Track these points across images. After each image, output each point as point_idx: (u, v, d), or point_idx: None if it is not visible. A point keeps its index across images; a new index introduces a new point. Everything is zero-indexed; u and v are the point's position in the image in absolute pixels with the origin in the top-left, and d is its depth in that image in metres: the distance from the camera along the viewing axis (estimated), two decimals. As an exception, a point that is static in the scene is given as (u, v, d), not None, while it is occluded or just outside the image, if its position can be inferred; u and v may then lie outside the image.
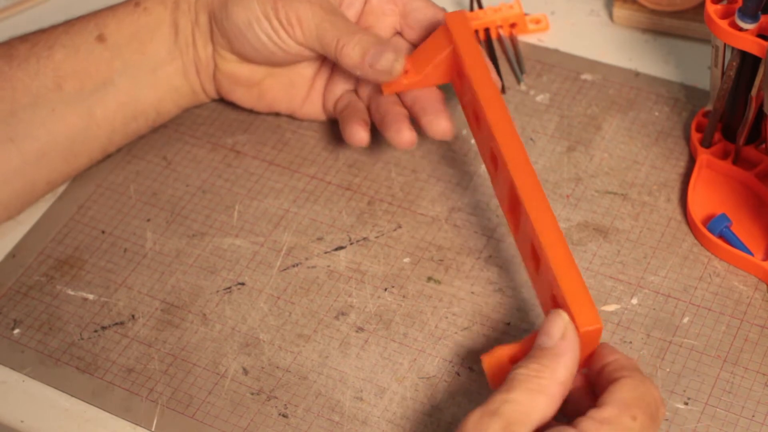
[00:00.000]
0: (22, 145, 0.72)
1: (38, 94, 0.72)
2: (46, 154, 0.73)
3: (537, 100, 0.80)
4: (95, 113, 0.74)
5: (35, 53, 0.73)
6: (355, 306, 0.70)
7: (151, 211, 0.76)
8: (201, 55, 0.76)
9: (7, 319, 0.71)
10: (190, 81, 0.77)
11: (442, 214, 0.74)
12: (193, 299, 0.71)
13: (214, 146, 0.80)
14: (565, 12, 0.86)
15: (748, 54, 0.67)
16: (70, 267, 0.74)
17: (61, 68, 0.73)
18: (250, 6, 0.72)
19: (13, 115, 0.72)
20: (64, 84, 0.73)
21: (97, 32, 0.74)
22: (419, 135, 0.72)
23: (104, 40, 0.74)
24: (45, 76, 0.72)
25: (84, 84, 0.73)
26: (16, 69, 0.72)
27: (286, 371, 0.67)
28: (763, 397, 0.64)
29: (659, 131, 0.77)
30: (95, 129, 0.75)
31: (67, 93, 0.73)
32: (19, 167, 0.73)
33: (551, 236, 0.60)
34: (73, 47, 0.73)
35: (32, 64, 0.72)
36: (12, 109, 0.72)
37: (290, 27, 0.71)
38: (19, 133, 0.72)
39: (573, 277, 0.59)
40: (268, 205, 0.76)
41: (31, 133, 0.72)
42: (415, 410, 0.65)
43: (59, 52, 0.73)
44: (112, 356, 0.69)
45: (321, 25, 0.71)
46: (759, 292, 0.69)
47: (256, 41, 0.73)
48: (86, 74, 0.73)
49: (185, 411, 0.66)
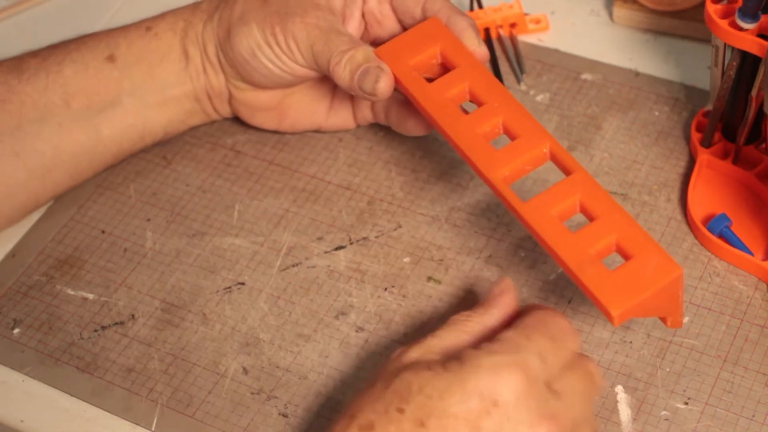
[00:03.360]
0: (28, 160, 0.72)
1: (46, 109, 0.72)
2: (51, 170, 0.73)
3: (537, 100, 0.80)
4: (102, 132, 0.74)
5: (45, 68, 0.72)
6: (355, 306, 0.70)
7: (151, 211, 0.76)
8: (213, 84, 0.75)
9: (7, 318, 0.71)
10: (202, 105, 0.76)
11: (442, 214, 0.74)
12: (193, 299, 0.71)
13: (214, 146, 0.80)
14: (565, 12, 0.86)
15: (748, 54, 0.67)
16: (70, 267, 0.74)
17: (70, 85, 0.72)
18: (251, 34, 0.71)
19: (19, 129, 0.71)
20: (72, 101, 0.72)
21: (108, 52, 0.73)
22: (419, 135, 0.72)
23: (114, 60, 0.73)
24: (53, 92, 0.72)
25: (92, 102, 0.73)
26: (25, 83, 0.72)
27: (286, 371, 0.67)
28: (763, 397, 0.64)
29: (659, 131, 0.77)
30: (102, 147, 0.74)
31: (74, 110, 0.73)
32: (23, 181, 0.72)
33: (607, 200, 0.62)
34: (83, 64, 0.73)
35: (41, 79, 0.72)
36: (19, 124, 0.71)
37: (290, 51, 0.70)
38: (26, 148, 0.72)
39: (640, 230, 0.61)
40: (268, 205, 0.76)
41: (37, 148, 0.72)
42: (415, 410, 0.65)
43: (69, 68, 0.73)
44: (112, 356, 0.69)
45: (315, 47, 0.69)
46: (759, 292, 0.69)
47: (262, 68, 0.72)
48: (95, 92, 0.73)
49: (185, 411, 0.66)
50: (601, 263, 0.59)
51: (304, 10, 0.70)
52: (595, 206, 0.62)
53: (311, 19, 0.70)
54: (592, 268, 0.59)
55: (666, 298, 0.60)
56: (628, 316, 0.58)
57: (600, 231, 0.61)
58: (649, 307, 0.60)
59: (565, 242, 0.60)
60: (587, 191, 0.62)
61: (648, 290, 0.58)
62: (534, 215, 0.62)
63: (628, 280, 0.58)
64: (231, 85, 0.75)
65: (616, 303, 0.58)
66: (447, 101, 0.67)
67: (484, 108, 0.67)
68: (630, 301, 0.58)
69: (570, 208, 0.62)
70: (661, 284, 0.58)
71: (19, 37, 0.89)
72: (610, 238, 0.60)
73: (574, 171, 0.63)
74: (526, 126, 0.65)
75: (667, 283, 0.59)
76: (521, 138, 0.65)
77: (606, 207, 0.62)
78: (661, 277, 0.59)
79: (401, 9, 0.72)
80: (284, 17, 0.70)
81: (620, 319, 0.58)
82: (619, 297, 0.58)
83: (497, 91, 0.67)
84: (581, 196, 0.62)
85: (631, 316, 0.59)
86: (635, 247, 0.60)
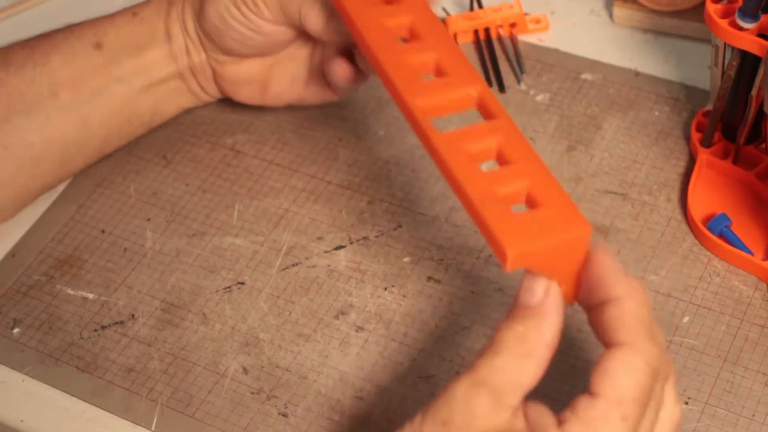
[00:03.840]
0: (17, 152, 0.72)
1: (33, 101, 0.72)
2: (41, 161, 0.73)
3: (537, 100, 0.80)
4: (90, 120, 0.74)
5: (32, 60, 0.73)
6: (355, 305, 0.70)
7: (151, 211, 0.76)
8: (195, 61, 0.76)
9: (7, 318, 0.71)
10: (188, 84, 0.77)
11: (442, 214, 0.74)
12: (193, 299, 0.71)
13: (214, 146, 0.80)
14: (565, 12, 0.86)
15: (748, 53, 0.67)
16: (70, 266, 0.74)
17: (57, 75, 0.73)
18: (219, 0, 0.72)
19: (7, 121, 0.72)
20: (60, 91, 0.73)
21: (95, 40, 0.74)
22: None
23: (101, 48, 0.74)
24: (41, 84, 0.72)
25: (79, 91, 0.73)
26: (12, 76, 0.72)
27: (286, 370, 0.67)
28: (763, 397, 0.64)
29: (659, 131, 0.77)
30: (90, 134, 0.75)
31: (62, 100, 0.73)
32: (13, 173, 0.73)
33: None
34: (70, 54, 0.73)
35: (28, 70, 0.72)
36: (6, 116, 0.72)
37: (256, 7, 0.71)
38: (14, 141, 0.72)
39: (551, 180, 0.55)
40: (268, 205, 0.76)
41: (25, 140, 0.72)
42: (415, 410, 0.65)
43: (56, 59, 0.73)
44: (112, 356, 0.69)
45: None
46: (759, 292, 0.69)
47: (233, 32, 0.73)
48: (82, 81, 0.73)
49: (185, 410, 0.66)
50: (506, 205, 0.53)
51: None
52: (512, 152, 0.57)
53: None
54: (495, 207, 0.53)
55: (567, 259, 0.54)
56: (524, 263, 0.52)
57: (512, 175, 0.55)
58: (548, 263, 0.53)
59: (472, 177, 0.54)
60: (508, 137, 0.57)
61: (550, 239, 0.52)
62: (446, 146, 0.56)
63: (531, 225, 0.52)
64: (212, 59, 0.75)
65: (513, 243, 0.51)
66: (384, 28, 0.63)
67: (419, 42, 0.63)
68: (529, 244, 0.51)
69: (486, 150, 0.57)
70: (566, 237, 0.53)
71: (19, 37, 0.89)
72: (522, 183, 0.55)
73: (499, 117, 0.58)
74: (458, 67, 0.62)
75: (572, 238, 0.53)
76: (451, 76, 0.61)
77: (524, 154, 0.56)
78: (567, 230, 0.53)
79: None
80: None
81: (514, 262, 0.51)
82: (517, 238, 0.51)
83: (437, 29, 0.64)
84: (500, 141, 0.57)
85: (527, 266, 0.53)
86: (546, 198, 0.54)
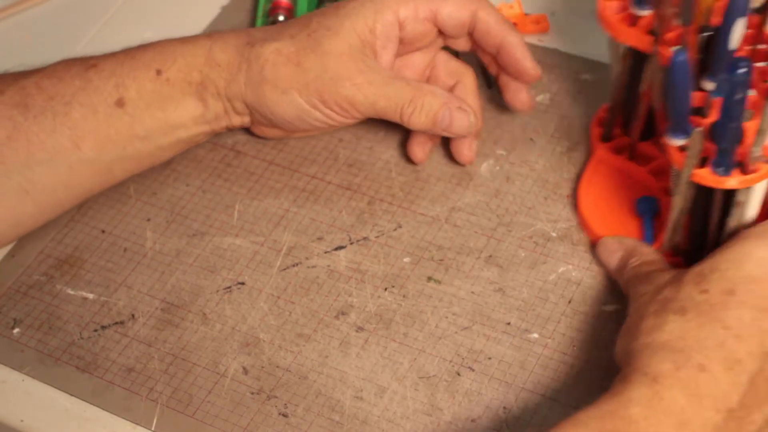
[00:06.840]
0: (38, 197, 0.71)
1: (55, 151, 0.70)
2: (63, 204, 0.73)
3: (537, 100, 0.80)
4: (115, 169, 0.73)
5: (51, 108, 0.70)
6: (355, 306, 0.70)
7: (151, 211, 0.76)
8: (235, 123, 0.75)
9: (6, 318, 0.71)
10: (215, 134, 0.77)
11: (442, 214, 0.74)
12: (193, 299, 0.71)
13: (214, 146, 0.80)
14: (565, 12, 0.86)
15: (637, 50, 0.67)
16: (70, 266, 0.74)
17: (79, 127, 0.70)
18: (293, 102, 0.71)
19: (28, 168, 0.70)
20: (82, 144, 0.71)
21: (116, 95, 0.71)
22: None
23: (123, 105, 0.71)
24: (62, 135, 0.70)
25: (104, 146, 0.71)
26: (31, 122, 0.69)
27: (286, 371, 0.67)
28: (763, 397, 0.64)
29: (659, 131, 0.77)
30: (113, 179, 0.74)
31: (85, 153, 0.71)
32: (33, 214, 0.72)
33: None
34: (90, 107, 0.71)
35: (48, 119, 0.70)
36: (27, 163, 0.70)
37: (344, 112, 0.71)
38: (36, 188, 0.70)
39: None
40: (268, 205, 0.76)
41: (47, 188, 0.71)
42: (415, 410, 0.65)
43: (77, 110, 0.70)
44: (112, 356, 0.69)
45: (377, 105, 0.70)
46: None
47: (308, 126, 0.73)
48: (107, 138, 0.71)
49: (185, 410, 0.66)
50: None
51: (349, 72, 0.70)
52: None
53: (360, 79, 0.70)
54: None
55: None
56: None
57: None
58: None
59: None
60: None
61: None
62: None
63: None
64: (255, 122, 0.75)
65: None
66: None
67: None
68: None
69: None
70: None
71: (19, 37, 0.89)
72: None
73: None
74: None
75: None
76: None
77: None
78: None
79: (449, 25, 0.74)
80: (330, 84, 0.70)
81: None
82: None
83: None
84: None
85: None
86: None
